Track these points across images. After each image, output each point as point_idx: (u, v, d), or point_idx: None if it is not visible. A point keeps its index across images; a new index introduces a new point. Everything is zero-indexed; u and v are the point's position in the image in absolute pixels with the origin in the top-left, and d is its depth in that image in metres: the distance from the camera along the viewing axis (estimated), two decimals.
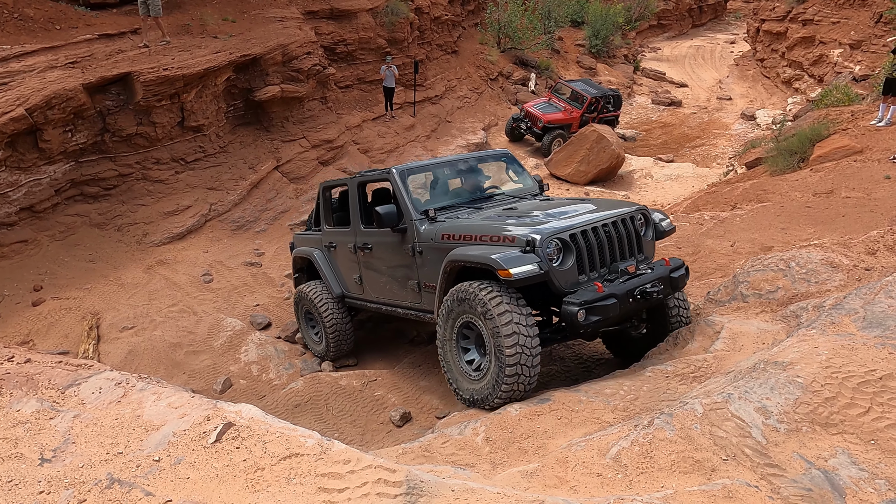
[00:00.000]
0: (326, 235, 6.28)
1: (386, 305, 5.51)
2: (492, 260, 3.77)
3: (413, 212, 4.77)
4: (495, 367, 3.75)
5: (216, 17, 12.00)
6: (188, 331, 7.41)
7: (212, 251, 9.64)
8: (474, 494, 1.95)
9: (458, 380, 4.15)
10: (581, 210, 4.39)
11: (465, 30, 20.74)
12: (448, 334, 4.19)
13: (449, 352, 4.23)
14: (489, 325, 3.74)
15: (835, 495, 2.37)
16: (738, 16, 38.26)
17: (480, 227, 4.24)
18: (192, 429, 2.26)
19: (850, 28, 20.37)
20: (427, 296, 4.75)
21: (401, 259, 4.96)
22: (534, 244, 3.77)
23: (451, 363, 4.22)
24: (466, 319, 3.99)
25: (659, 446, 2.79)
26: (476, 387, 3.96)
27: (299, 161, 12.08)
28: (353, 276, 5.88)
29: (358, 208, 5.65)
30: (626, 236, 4.25)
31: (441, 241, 4.44)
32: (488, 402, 3.84)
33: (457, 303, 4.00)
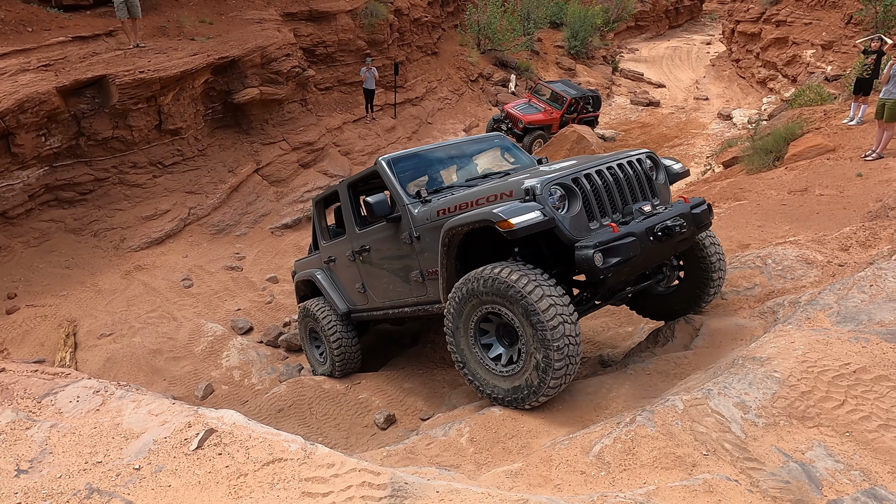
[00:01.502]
0: (325, 251, 5.94)
1: (393, 308, 5.05)
2: (490, 214, 3.36)
3: (404, 196, 4.43)
4: (540, 360, 3.27)
5: (193, 18, 11.87)
6: (168, 336, 7.32)
7: (191, 256, 9.53)
8: (459, 495, 1.96)
9: (486, 379, 3.64)
10: (582, 160, 4.08)
11: (445, 31, 20.78)
12: (463, 328, 3.68)
13: (467, 348, 3.70)
14: (524, 313, 3.26)
15: (812, 487, 2.41)
16: (714, 17, 38.88)
17: (476, 193, 3.85)
18: (173, 436, 2.24)
19: (821, 29, 20.79)
20: (432, 284, 4.33)
21: (399, 251, 4.58)
22: (534, 192, 3.41)
23: (471, 361, 3.70)
24: (489, 309, 3.50)
25: (641, 443, 2.82)
26: (514, 384, 3.47)
27: (279, 164, 12.00)
28: (355, 287, 5.46)
29: (351, 211, 5.33)
30: (636, 178, 3.88)
31: (437, 218, 4.05)
32: (534, 399, 3.41)
33: (473, 291, 3.50)
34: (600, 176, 3.69)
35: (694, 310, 4.49)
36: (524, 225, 3.26)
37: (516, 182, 3.61)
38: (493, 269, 3.42)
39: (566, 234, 3.44)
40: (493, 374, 3.60)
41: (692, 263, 4.33)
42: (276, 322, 7.77)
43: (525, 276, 3.30)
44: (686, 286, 4.44)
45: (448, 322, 3.73)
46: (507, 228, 3.27)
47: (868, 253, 5.24)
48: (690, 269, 4.37)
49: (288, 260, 9.91)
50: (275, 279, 9.09)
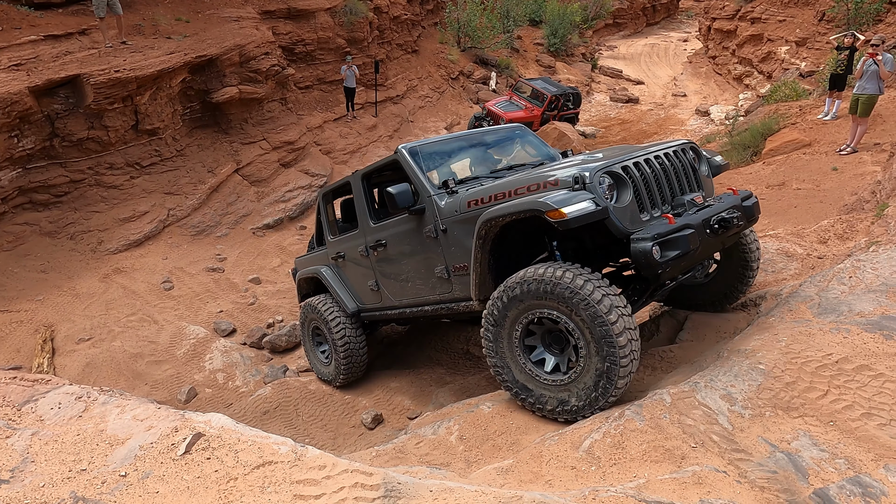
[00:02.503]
0: (333, 247, 5.59)
1: (410, 307, 4.70)
2: (540, 203, 3.10)
3: (429, 187, 4.14)
4: (602, 370, 3.06)
5: (169, 17, 11.69)
6: (149, 340, 7.20)
7: (171, 257, 9.39)
8: (452, 494, 1.95)
9: (530, 389, 3.38)
10: (619, 150, 3.85)
11: (425, 29, 20.74)
12: (507, 333, 3.39)
13: (510, 354, 3.43)
14: (587, 322, 3.02)
15: (798, 476, 2.45)
16: (690, 14, 39.34)
17: (514, 181, 3.56)
18: (160, 441, 2.19)
19: (795, 26, 21.15)
20: (459, 280, 4.05)
21: (422, 245, 4.26)
22: (584, 180, 3.17)
23: (513, 368, 3.43)
24: (540, 315, 3.24)
25: (630, 437, 2.84)
26: (565, 395, 3.24)
27: (260, 163, 11.87)
28: (367, 284, 5.10)
29: (365, 204, 4.98)
30: (683, 169, 3.69)
31: (468, 209, 3.78)
32: (589, 411, 3.17)
33: (525, 294, 3.22)
34: (648, 165, 3.48)
35: (728, 302, 4.36)
36: (577, 215, 3.03)
37: (561, 171, 3.36)
38: (552, 272, 3.14)
39: (618, 226, 3.19)
40: (539, 384, 3.34)
41: (731, 255, 4.19)
42: (259, 324, 7.69)
43: (589, 281, 3.05)
44: (722, 278, 4.28)
45: (488, 326, 3.46)
46: (558, 219, 3.04)
47: (846, 245, 5.34)
48: (728, 262, 4.22)
49: (270, 260, 9.81)
50: (257, 280, 8.99)
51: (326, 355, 5.83)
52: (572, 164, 3.53)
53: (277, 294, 8.49)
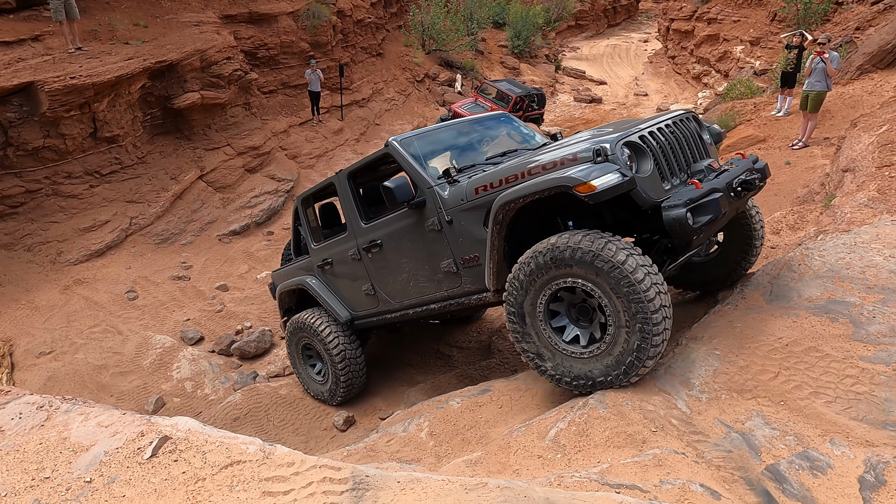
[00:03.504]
0: (317, 254, 5.24)
1: (414, 308, 4.47)
2: (566, 178, 3.02)
3: (429, 178, 3.97)
4: (635, 337, 2.94)
5: (126, 22, 11.46)
6: (113, 351, 7.05)
7: (135, 267, 9.20)
8: (420, 483, 1.99)
9: (559, 364, 3.26)
10: (630, 122, 3.76)
11: (390, 32, 20.75)
12: (530, 309, 3.27)
13: (535, 332, 3.30)
14: (614, 286, 2.92)
15: (752, 454, 2.57)
16: (650, 15, 40.22)
17: (526, 163, 3.43)
18: (125, 446, 2.18)
19: (749, 26, 21.84)
20: (470, 273, 3.88)
21: (424, 240, 4.08)
22: (605, 153, 3.08)
23: (540, 346, 3.31)
24: (562, 285, 3.13)
25: (594, 424, 2.92)
26: (597, 366, 3.13)
27: (224, 169, 11.72)
28: (362, 290, 4.83)
29: (353, 204, 4.70)
30: (691, 137, 3.66)
31: (476, 196, 3.65)
32: (625, 380, 3.07)
33: (546, 264, 3.11)
34: (661, 134, 3.43)
35: (732, 278, 4.28)
36: (607, 186, 2.94)
37: (575, 146, 3.27)
38: (572, 238, 3.03)
39: (644, 196, 3.11)
40: (569, 358, 3.22)
41: (734, 229, 4.12)
42: (227, 331, 7.60)
43: (612, 243, 2.95)
44: (726, 253, 4.21)
45: (510, 306, 3.34)
46: (588, 192, 2.95)
47: (797, 235, 5.57)
48: (732, 236, 4.14)
49: (238, 267, 9.70)
50: (224, 287, 8.88)
51: (321, 373, 5.50)
52: (583, 140, 3.40)
53: (245, 300, 8.40)
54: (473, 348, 6.01)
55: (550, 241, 3.13)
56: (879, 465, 2.38)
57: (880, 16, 15.23)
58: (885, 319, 3.19)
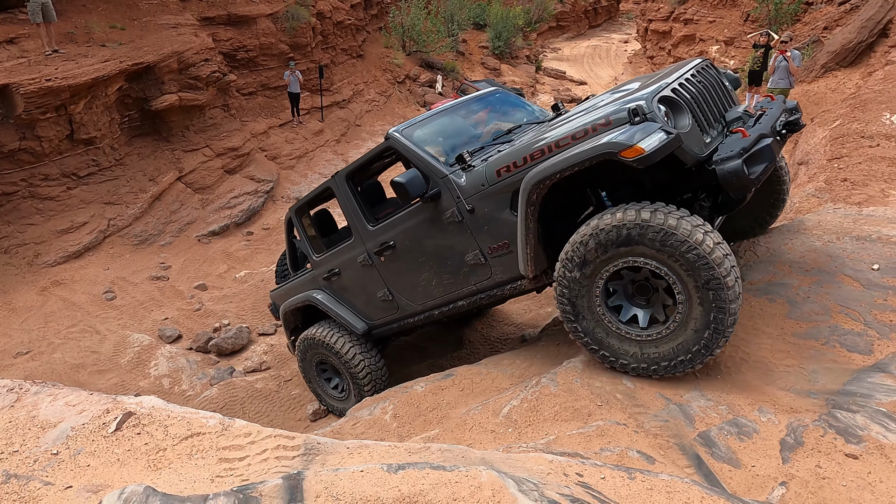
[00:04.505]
0: (321, 265, 4.86)
1: (440, 307, 4.17)
2: (610, 144, 2.80)
3: (441, 166, 3.71)
4: (709, 319, 2.75)
5: (103, 24, 11.48)
6: (91, 350, 7.12)
7: (113, 268, 9.25)
8: (367, 448, 2.14)
9: (619, 347, 3.06)
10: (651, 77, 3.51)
11: (370, 34, 20.85)
12: (586, 291, 3.05)
13: (590, 314, 3.09)
14: (688, 266, 2.71)
15: (686, 422, 2.75)
16: (630, 16, 40.69)
17: (553, 136, 3.17)
18: (91, 422, 2.31)
19: (724, 26, 22.27)
20: (500, 262, 3.62)
21: (443, 234, 3.80)
22: (642, 112, 2.86)
23: (596, 328, 3.10)
24: (623, 265, 2.91)
25: (545, 401, 3.09)
26: (662, 349, 2.94)
27: (203, 170, 11.78)
28: (377, 297, 4.49)
29: (357, 207, 4.37)
30: (716, 85, 3.47)
31: (498, 179, 3.40)
32: (692, 365, 2.91)
33: (605, 243, 2.88)
34: (691, 86, 3.23)
35: (757, 232, 4.14)
36: (656, 147, 2.72)
37: (603, 110, 3.04)
38: (639, 214, 2.79)
39: (690, 153, 2.91)
40: (629, 341, 3.03)
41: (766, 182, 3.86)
42: (205, 328, 7.68)
43: (686, 220, 2.73)
44: (754, 205, 3.97)
45: (562, 290, 3.11)
46: (636, 156, 2.74)
47: None
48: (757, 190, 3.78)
49: (217, 267, 9.77)
50: (203, 287, 8.95)
51: (340, 389, 5.13)
52: (606, 103, 3.18)
53: (224, 299, 8.49)
54: (446, 340, 6.16)
55: (611, 217, 2.87)
56: (799, 429, 2.57)
57: (847, 16, 15.65)
58: (818, 299, 3.41)
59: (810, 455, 2.43)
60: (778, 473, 2.38)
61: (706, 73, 3.47)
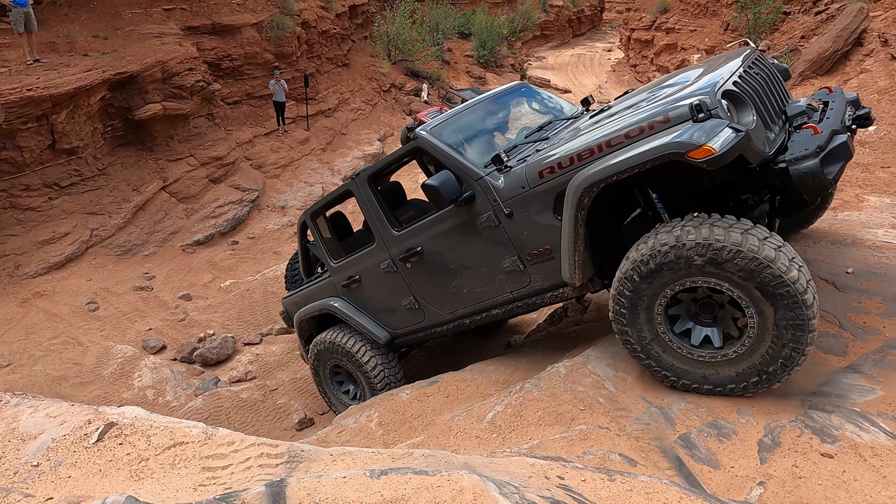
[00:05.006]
0: (339, 272, 4.63)
1: (470, 316, 3.97)
2: (677, 143, 2.60)
3: (476, 168, 3.50)
4: (781, 346, 2.60)
5: (85, 34, 11.42)
6: (73, 362, 7.03)
7: (96, 278, 9.15)
8: (350, 455, 2.15)
9: (685, 370, 2.86)
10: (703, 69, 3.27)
11: (355, 43, 20.93)
12: (645, 312, 2.85)
13: (651, 336, 2.89)
14: (762, 285, 2.52)
15: (667, 425, 2.79)
16: (613, 25, 41.24)
17: (602, 134, 2.97)
18: (73, 433, 2.30)
19: (704, 35, 22.66)
20: (539, 268, 3.42)
21: (478, 240, 3.59)
22: (706, 108, 2.65)
23: (659, 350, 2.90)
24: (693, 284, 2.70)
25: (528, 406, 3.12)
26: (725, 371, 2.78)
27: (188, 180, 11.72)
28: (402, 305, 4.28)
29: (380, 211, 4.13)
30: (773, 76, 3.26)
31: (540, 181, 3.18)
32: (766, 386, 2.75)
33: (669, 264, 2.68)
34: (750, 78, 3.02)
35: (800, 229, 3.96)
36: (728, 147, 2.52)
37: (664, 104, 2.84)
38: (703, 231, 2.61)
39: (757, 152, 2.70)
40: (696, 363, 2.84)
41: None
42: (190, 339, 7.62)
43: (752, 235, 2.56)
44: None
45: (619, 309, 2.92)
46: (706, 157, 2.53)
47: None
48: None
49: (201, 277, 9.71)
50: (188, 297, 8.89)
51: (353, 396, 4.96)
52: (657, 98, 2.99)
53: (209, 309, 8.43)
54: (432, 348, 6.18)
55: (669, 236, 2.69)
56: (776, 430, 2.62)
57: (823, 25, 16.00)
58: None
59: (787, 455, 2.48)
60: (756, 473, 2.42)
61: (760, 65, 3.23)
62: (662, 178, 3.02)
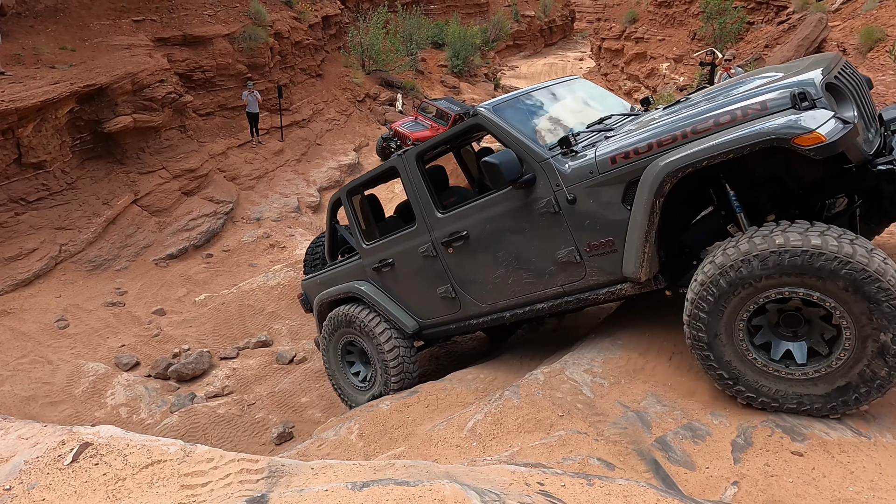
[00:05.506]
0: (372, 254, 4.41)
1: (511, 309, 3.77)
2: (783, 128, 2.47)
3: (539, 149, 3.32)
4: (878, 365, 2.47)
5: (52, 46, 11.22)
6: (43, 381, 6.85)
7: (66, 295, 8.95)
8: (332, 468, 2.15)
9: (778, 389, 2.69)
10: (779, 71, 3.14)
11: (329, 53, 20.91)
12: (726, 327, 2.70)
13: (733, 354, 2.73)
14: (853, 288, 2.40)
15: (644, 428, 2.84)
16: (584, 35, 41.89)
17: (689, 121, 2.82)
18: (46, 455, 2.25)
19: (672, 44, 23.18)
20: (598, 261, 3.24)
21: (532, 226, 3.42)
22: (810, 97, 2.53)
23: (742, 369, 2.73)
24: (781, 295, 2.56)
25: (508, 413, 3.15)
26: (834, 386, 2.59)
27: (160, 193, 11.55)
28: (437, 292, 4.07)
29: (426, 190, 3.94)
30: (861, 82, 3.11)
31: (612, 167, 3.03)
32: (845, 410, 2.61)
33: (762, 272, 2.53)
34: (846, 77, 2.91)
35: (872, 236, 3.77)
36: (838, 136, 2.41)
37: (760, 94, 2.70)
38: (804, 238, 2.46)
39: (859, 150, 2.60)
40: (789, 382, 2.66)
41: None
42: (164, 354, 7.49)
43: (859, 245, 2.43)
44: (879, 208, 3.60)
45: (698, 313, 2.74)
46: (814, 144, 2.41)
47: None
48: None
49: (175, 291, 9.56)
50: (161, 311, 8.74)
51: (364, 379, 4.73)
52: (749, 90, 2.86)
53: (183, 324, 8.30)
54: None
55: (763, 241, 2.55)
56: (749, 430, 2.69)
57: (786, 34, 16.51)
58: None
59: (759, 454, 2.54)
60: (730, 473, 2.49)
61: (849, 69, 3.11)
62: (744, 175, 2.90)
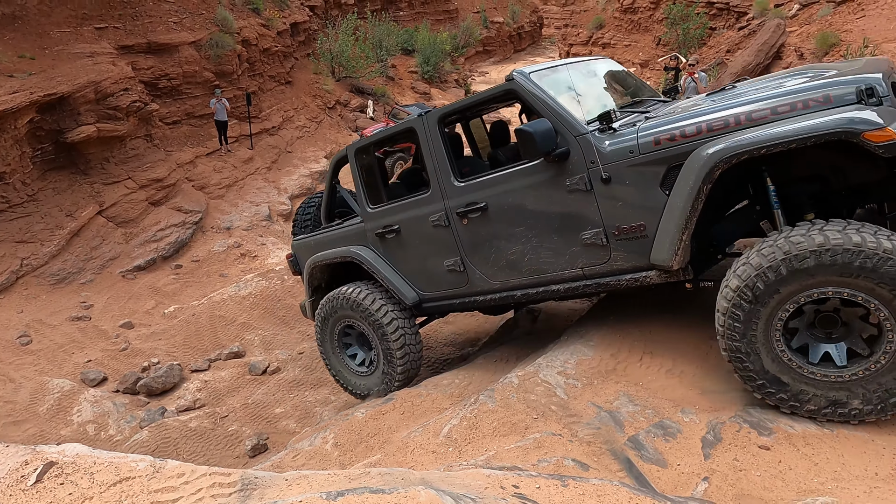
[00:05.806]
0: (376, 218, 4.20)
1: (523, 289, 3.63)
2: (855, 121, 2.43)
3: (579, 124, 3.19)
4: None
5: (10, 54, 10.90)
6: (5, 400, 6.62)
7: (28, 310, 8.68)
8: (306, 479, 2.13)
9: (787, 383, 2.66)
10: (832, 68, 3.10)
11: (298, 60, 20.75)
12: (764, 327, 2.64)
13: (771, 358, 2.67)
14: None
15: (617, 428, 2.88)
16: (553, 41, 42.39)
17: (744, 108, 2.77)
18: (8, 476, 2.17)
19: (638, 50, 23.66)
20: (625, 245, 3.13)
21: (560, 203, 3.28)
22: (877, 93, 2.51)
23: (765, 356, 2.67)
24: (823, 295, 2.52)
25: (483, 418, 3.16)
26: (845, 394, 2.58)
27: (126, 203, 11.30)
28: (444, 265, 3.91)
29: (445, 156, 3.77)
30: None
31: (655, 149, 2.93)
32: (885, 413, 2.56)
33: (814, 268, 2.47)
34: None
35: None
36: None
37: (834, 89, 2.63)
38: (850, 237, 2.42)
39: None
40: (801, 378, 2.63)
41: None
42: (133, 368, 7.31)
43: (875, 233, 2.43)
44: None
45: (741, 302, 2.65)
46: (885, 141, 2.38)
47: None
48: None
49: (143, 303, 9.35)
50: (129, 325, 8.54)
51: (365, 363, 4.58)
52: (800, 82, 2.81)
53: (152, 336, 8.12)
54: None
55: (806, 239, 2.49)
56: (718, 426, 2.75)
57: (746, 40, 16.99)
58: None
59: (728, 449, 2.60)
60: (701, 469, 2.54)
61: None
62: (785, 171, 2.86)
